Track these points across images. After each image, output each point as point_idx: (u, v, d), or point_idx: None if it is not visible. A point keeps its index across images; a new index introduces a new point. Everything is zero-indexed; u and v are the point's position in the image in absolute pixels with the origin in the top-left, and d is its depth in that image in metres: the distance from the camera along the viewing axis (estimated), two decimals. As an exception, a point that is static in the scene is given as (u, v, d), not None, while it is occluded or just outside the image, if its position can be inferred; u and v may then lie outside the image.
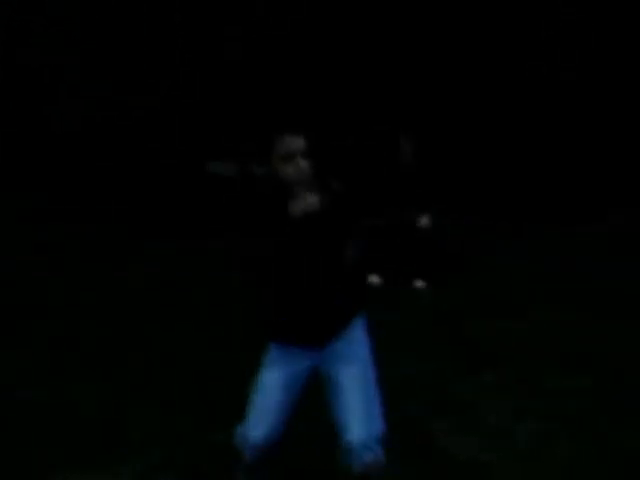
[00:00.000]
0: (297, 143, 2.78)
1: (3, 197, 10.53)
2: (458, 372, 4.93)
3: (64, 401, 4.56)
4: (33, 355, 5.47)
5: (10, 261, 8.45)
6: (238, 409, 2.97)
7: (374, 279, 7.33)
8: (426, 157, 9.88)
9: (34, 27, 11.35)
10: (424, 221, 7.36)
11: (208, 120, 10.35)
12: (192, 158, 10.77)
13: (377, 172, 7.48)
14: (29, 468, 3.72)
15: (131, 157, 11.09)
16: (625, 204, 10.30)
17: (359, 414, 2.73)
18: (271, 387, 2.82)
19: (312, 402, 3.00)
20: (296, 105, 10.49)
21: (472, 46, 10.96)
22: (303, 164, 2.77)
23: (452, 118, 11.00)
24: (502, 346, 5.47)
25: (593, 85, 11.03)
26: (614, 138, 11.09)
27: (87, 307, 6.77)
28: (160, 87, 11.12)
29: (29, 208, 10.34)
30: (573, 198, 10.36)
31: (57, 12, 11.21)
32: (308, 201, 2.75)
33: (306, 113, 10.10)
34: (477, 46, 10.98)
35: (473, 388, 4.63)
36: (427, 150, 10.15)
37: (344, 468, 2.78)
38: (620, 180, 10.64)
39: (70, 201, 10.46)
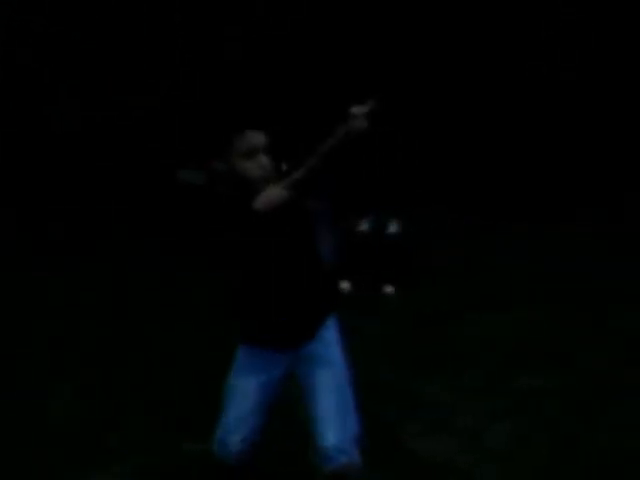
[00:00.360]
0: (258, 139, 2.73)
1: (2, 196, 10.52)
2: (432, 374, 4.88)
3: (63, 401, 4.57)
4: (33, 355, 5.49)
5: (11, 261, 8.46)
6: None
7: (344, 285, 7.33)
8: (426, 156, 9.90)
9: (34, 27, 11.36)
10: (393, 227, 7.39)
11: (208, 120, 10.35)
12: (192, 159, 10.76)
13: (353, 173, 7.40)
14: (29, 468, 3.72)
15: (131, 157, 11.09)
16: (625, 204, 10.33)
17: (333, 418, 2.68)
18: (247, 391, 2.76)
19: (287, 399, 2.96)
20: (292, 104, 10.51)
21: (471, 47, 10.97)
22: (265, 160, 2.71)
23: (452, 118, 11.01)
24: (483, 347, 5.44)
25: (594, 85, 11.04)
26: (617, 137, 11.10)
27: (87, 307, 6.79)
28: (160, 87, 11.14)
29: (29, 208, 10.34)
30: (574, 197, 10.37)
31: (57, 12, 11.22)
32: (269, 192, 2.64)
33: (293, 112, 10.11)
34: (477, 47, 10.99)
35: (450, 390, 4.60)
36: (427, 149, 10.19)
37: (319, 468, 2.74)
38: (622, 180, 10.67)
39: (70, 201, 10.46)
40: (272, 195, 2.60)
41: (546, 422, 4.09)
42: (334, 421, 2.68)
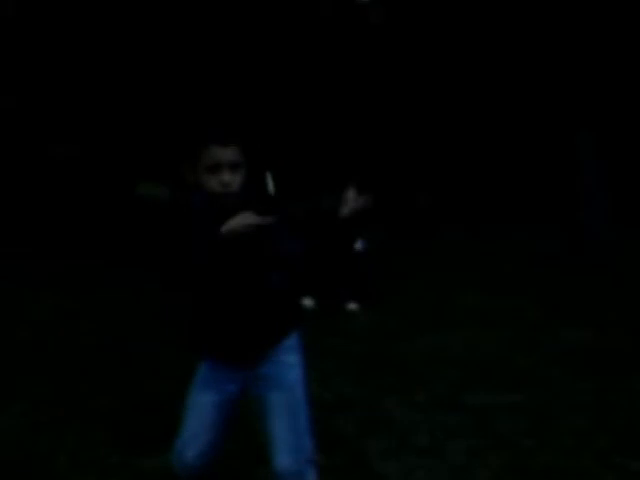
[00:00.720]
0: (223, 154, 2.61)
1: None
2: (391, 392, 4.93)
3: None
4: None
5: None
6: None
7: (307, 302, 7.36)
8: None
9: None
10: (358, 245, 7.40)
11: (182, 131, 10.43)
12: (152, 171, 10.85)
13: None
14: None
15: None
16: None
17: (286, 441, 2.69)
18: (203, 407, 2.76)
19: (247, 416, 2.97)
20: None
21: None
22: (228, 177, 2.61)
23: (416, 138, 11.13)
24: (436, 364, 5.54)
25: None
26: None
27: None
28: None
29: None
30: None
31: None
32: (238, 219, 2.53)
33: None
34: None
35: (406, 407, 4.64)
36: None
37: None
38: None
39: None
40: (240, 224, 2.52)
41: (504, 438, 4.16)
42: (287, 443, 2.69)
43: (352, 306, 7.42)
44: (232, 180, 2.62)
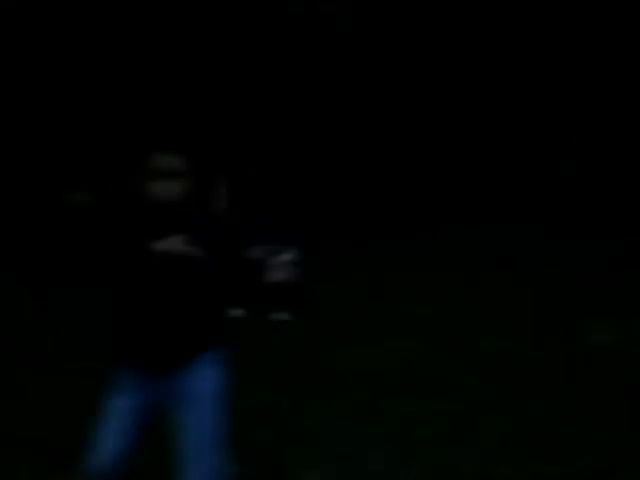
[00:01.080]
0: (167, 162, 2.62)
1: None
2: (313, 401, 4.94)
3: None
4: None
5: None
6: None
7: (236, 312, 7.39)
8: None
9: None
10: (287, 255, 7.51)
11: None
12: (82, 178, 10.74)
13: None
14: None
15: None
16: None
17: (194, 458, 2.67)
18: (118, 413, 2.73)
19: (162, 429, 2.92)
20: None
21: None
22: (171, 186, 2.62)
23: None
24: (359, 374, 5.57)
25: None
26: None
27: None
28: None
29: None
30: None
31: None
32: (172, 242, 2.56)
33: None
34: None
35: (328, 416, 4.65)
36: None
37: None
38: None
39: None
40: (174, 247, 2.56)
41: (425, 445, 4.20)
42: (194, 461, 2.67)
43: (280, 316, 7.42)
44: (171, 189, 2.61)
